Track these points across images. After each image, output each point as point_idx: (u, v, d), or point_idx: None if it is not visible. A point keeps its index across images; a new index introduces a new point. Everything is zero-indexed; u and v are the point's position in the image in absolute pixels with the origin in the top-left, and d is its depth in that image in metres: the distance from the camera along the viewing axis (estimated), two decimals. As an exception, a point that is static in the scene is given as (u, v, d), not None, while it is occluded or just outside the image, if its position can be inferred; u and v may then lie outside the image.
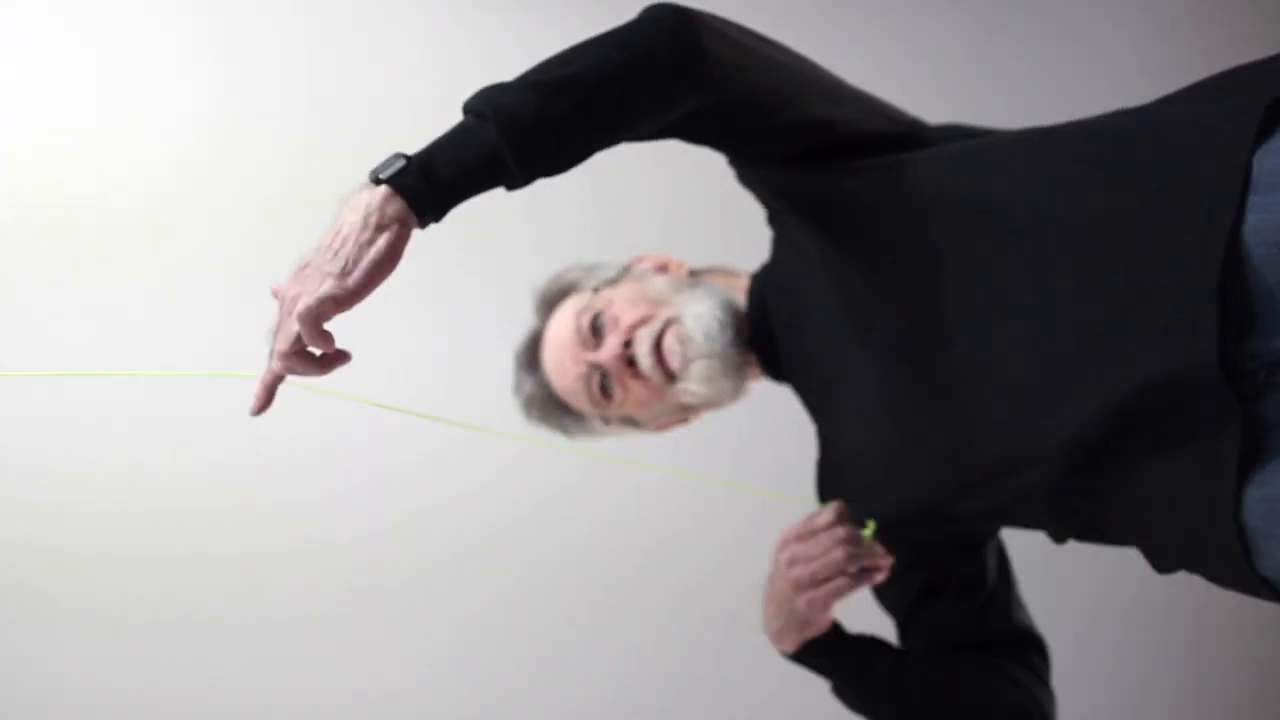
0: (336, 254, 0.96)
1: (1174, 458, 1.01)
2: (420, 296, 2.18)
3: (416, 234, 1.01)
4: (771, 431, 1.60)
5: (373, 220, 0.97)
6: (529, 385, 1.44)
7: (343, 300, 0.95)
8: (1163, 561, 1.11)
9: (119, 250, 2.26)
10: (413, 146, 1.06)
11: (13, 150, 2.25)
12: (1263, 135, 0.96)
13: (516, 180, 1.04)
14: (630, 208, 2.37)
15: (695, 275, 1.43)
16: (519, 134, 1.01)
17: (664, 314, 1.34)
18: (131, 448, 2.23)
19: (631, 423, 1.43)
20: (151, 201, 2.29)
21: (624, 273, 1.42)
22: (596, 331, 1.36)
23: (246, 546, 2.25)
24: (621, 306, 1.36)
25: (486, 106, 1.02)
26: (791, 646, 1.30)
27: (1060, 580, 2.55)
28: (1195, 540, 1.03)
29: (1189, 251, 0.96)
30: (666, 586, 2.43)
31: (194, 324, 2.27)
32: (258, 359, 2.39)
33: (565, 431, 1.46)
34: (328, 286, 0.95)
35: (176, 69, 2.32)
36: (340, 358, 0.99)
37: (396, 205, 0.97)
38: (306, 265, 0.98)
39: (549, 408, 1.44)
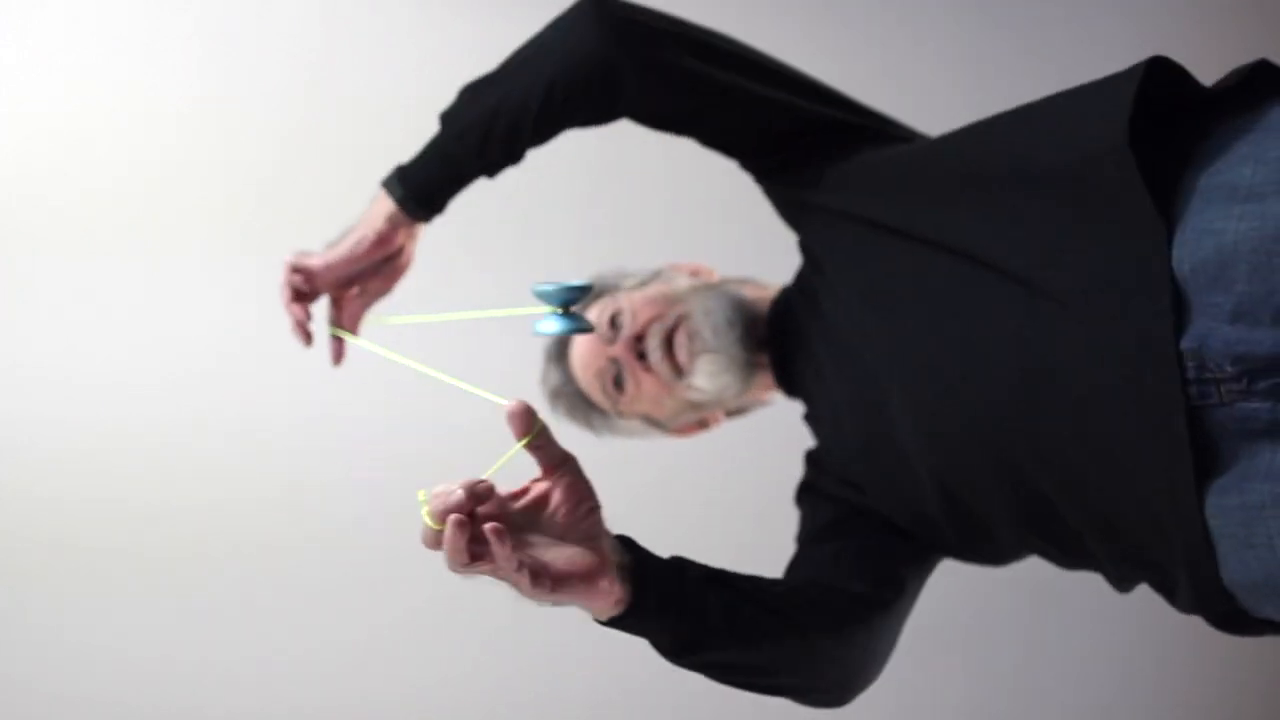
0: (344, 235, 1.27)
1: (1131, 449, 0.99)
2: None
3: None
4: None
5: (367, 218, 1.26)
6: (554, 377, 1.49)
7: (303, 271, 1.25)
8: (1118, 571, 1.10)
9: (113, 236, 2.26)
10: (405, 125, 1.29)
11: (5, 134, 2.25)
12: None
13: (484, 174, 1.26)
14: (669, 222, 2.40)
15: (724, 282, 1.46)
16: (462, 145, 1.22)
17: (676, 311, 1.39)
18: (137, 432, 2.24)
19: (652, 422, 1.47)
20: (146, 184, 2.29)
21: (654, 276, 1.47)
22: (615, 327, 1.40)
23: (252, 530, 2.27)
24: (640, 304, 1.41)
25: (444, 115, 1.24)
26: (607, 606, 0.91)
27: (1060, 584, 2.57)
28: (1156, 539, 1.02)
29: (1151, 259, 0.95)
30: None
31: (191, 307, 2.28)
32: (258, 340, 2.34)
33: (591, 428, 1.49)
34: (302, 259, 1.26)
35: (171, 50, 2.32)
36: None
37: (387, 206, 1.24)
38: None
39: (575, 402, 1.48)
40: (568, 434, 1.47)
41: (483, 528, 0.80)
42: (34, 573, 2.19)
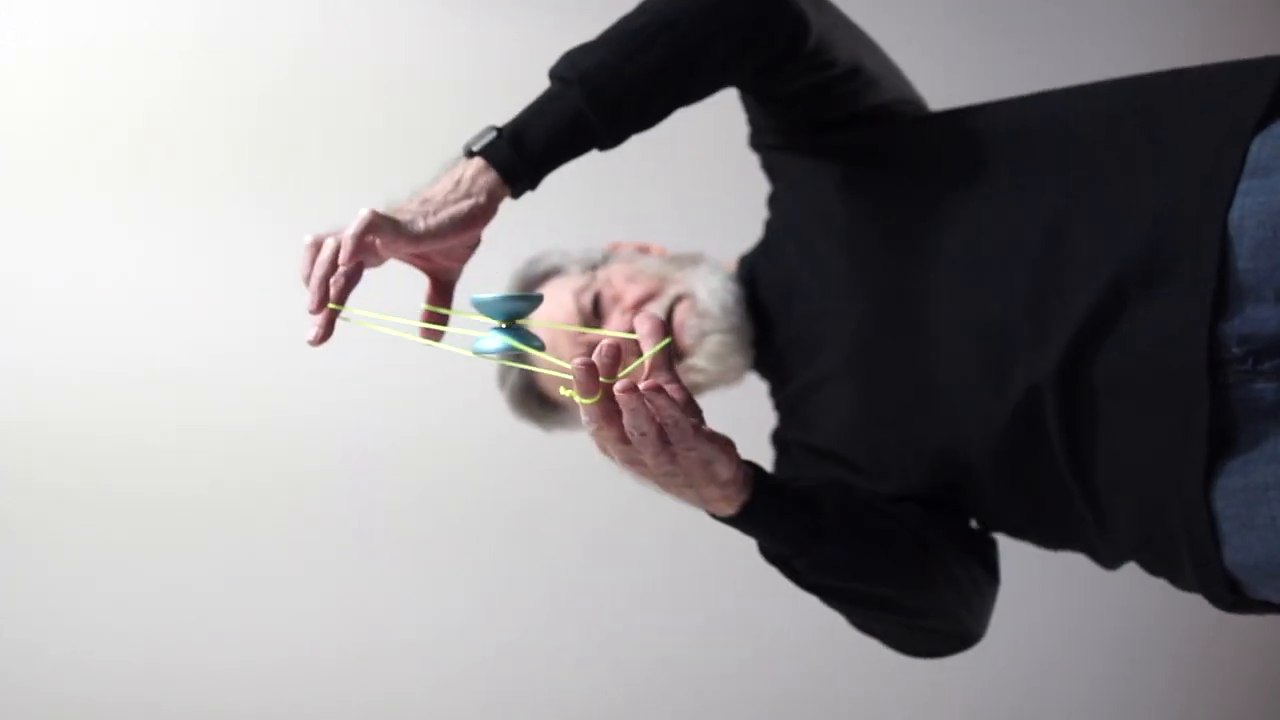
0: (425, 203, 0.95)
1: (1145, 428, 0.99)
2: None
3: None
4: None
5: (463, 188, 0.97)
6: (515, 375, 1.36)
7: (406, 235, 0.91)
8: (1113, 548, 1.09)
9: (118, 167, 2.21)
10: (408, 68, 1.02)
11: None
12: (1263, 123, 0.96)
13: (606, 142, 1.04)
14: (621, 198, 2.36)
15: (699, 256, 1.37)
16: (603, 99, 1.02)
17: (671, 290, 1.29)
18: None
19: None
20: (148, 115, 2.23)
21: (607, 256, 1.36)
22: (598, 311, 1.30)
23: (253, 525, 2.24)
24: (622, 284, 1.30)
25: (571, 72, 1.02)
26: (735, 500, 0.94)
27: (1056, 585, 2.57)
28: (1157, 519, 1.01)
29: (1185, 232, 0.95)
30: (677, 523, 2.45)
31: (190, 242, 2.23)
32: (261, 288, 2.21)
33: (542, 425, 1.40)
34: (401, 216, 0.93)
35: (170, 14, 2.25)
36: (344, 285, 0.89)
37: (489, 177, 0.98)
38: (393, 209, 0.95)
39: (529, 399, 1.37)
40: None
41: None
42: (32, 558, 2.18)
